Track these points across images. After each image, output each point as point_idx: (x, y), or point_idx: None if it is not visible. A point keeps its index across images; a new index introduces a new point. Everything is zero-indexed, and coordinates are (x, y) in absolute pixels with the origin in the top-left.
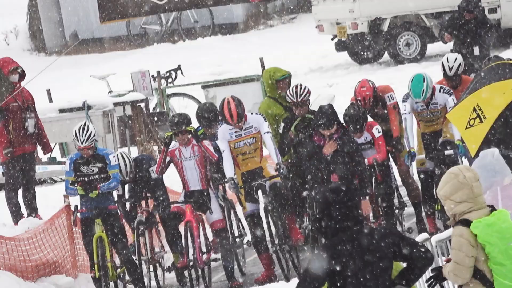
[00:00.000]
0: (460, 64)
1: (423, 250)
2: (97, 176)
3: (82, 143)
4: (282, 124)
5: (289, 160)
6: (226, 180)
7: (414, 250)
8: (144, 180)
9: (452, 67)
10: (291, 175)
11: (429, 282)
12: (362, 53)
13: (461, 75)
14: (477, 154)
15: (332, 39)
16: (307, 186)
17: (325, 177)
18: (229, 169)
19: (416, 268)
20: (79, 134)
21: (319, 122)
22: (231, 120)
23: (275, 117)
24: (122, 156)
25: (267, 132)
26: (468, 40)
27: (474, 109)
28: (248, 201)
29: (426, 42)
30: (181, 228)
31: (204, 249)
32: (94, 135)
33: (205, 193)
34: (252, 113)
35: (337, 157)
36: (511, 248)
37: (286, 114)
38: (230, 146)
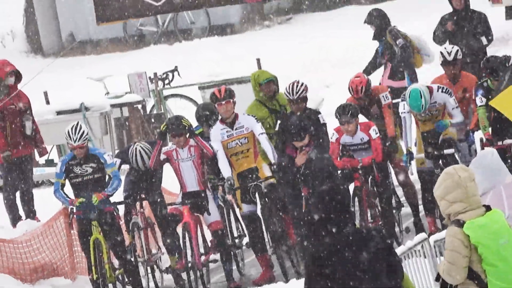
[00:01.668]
0: (457, 50)
1: (400, 270)
2: (90, 177)
3: (75, 141)
4: (279, 121)
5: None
6: (223, 181)
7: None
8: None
9: (451, 52)
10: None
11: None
12: None
13: (460, 64)
14: None
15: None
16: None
17: (299, 189)
18: (225, 169)
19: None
20: (72, 133)
21: (291, 132)
22: (219, 93)
23: (260, 119)
24: (144, 150)
25: (262, 133)
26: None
27: None
28: (244, 202)
29: None
30: (179, 229)
31: (202, 250)
32: (87, 134)
33: (203, 194)
34: (244, 114)
35: (309, 169)
36: (503, 249)
37: (272, 117)
38: (223, 147)
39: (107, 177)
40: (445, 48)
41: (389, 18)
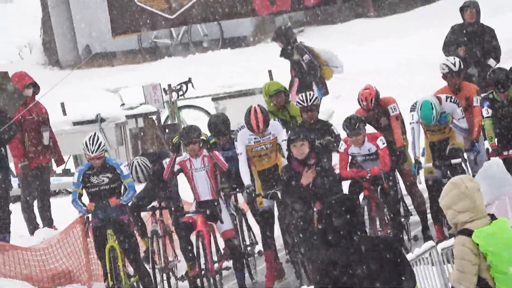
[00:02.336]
0: (459, 61)
1: (411, 274)
2: (107, 187)
3: (92, 152)
4: (289, 132)
5: None
6: (241, 190)
7: (405, 271)
8: (160, 179)
9: (455, 62)
10: None
11: None
12: None
13: (462, 74)
14: None
15: None
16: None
17: (305, 203)
18: (245, 175)
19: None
20: (90, 143)
21: (291, 138)
22: (257, 129)
23: None
24: (140, 166)
25: (285, 140)
26: (479, 52)
27: None
28: (266, 198)
29: None
30: (193, 237)
31: (215, 258)
32: (104, 145)
33: (216, 203)
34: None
35: (318, 183)
36: None
37: (282, 127)
38: (248, 149)
39: (122, 187)
40: (447, 59)
41: (295, 34)
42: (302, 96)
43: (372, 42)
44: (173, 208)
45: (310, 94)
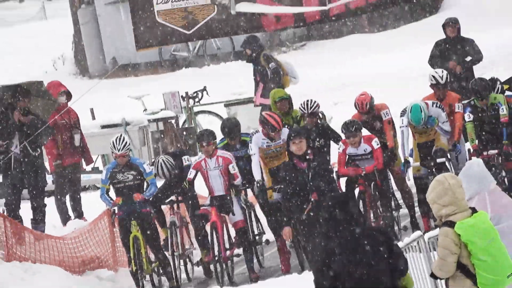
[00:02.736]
0: (447, 74)
1: (403, 260)
2: (131, 183)
3: (118, 150)
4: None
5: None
6: (251, 185)
7: (398, 258)
8: (180, 176)
9: (442, 76)
10: None
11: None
12: None
13: (448, 85)
14: None
15: None
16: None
17: (305, 197)
18: (256, 172)
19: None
20: (116, 143)
21: (290, 135)
22: (278, 126)
23: None
24: (164, 163)
25: None
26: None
27: None
28: (274, 191)
29: None
30: (208, 227)
31: (227, 245)
32: (129, 145)
33: (228, 198)
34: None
35: (316, 177)
36: (491, 245)
37: None
38: (260, 151)
39: (145, 184)
40: (436, 72)
41: (263, 44)
42: (303, 103)
43: (367, 55)
44: (190, 202)
45: (311, 102)
